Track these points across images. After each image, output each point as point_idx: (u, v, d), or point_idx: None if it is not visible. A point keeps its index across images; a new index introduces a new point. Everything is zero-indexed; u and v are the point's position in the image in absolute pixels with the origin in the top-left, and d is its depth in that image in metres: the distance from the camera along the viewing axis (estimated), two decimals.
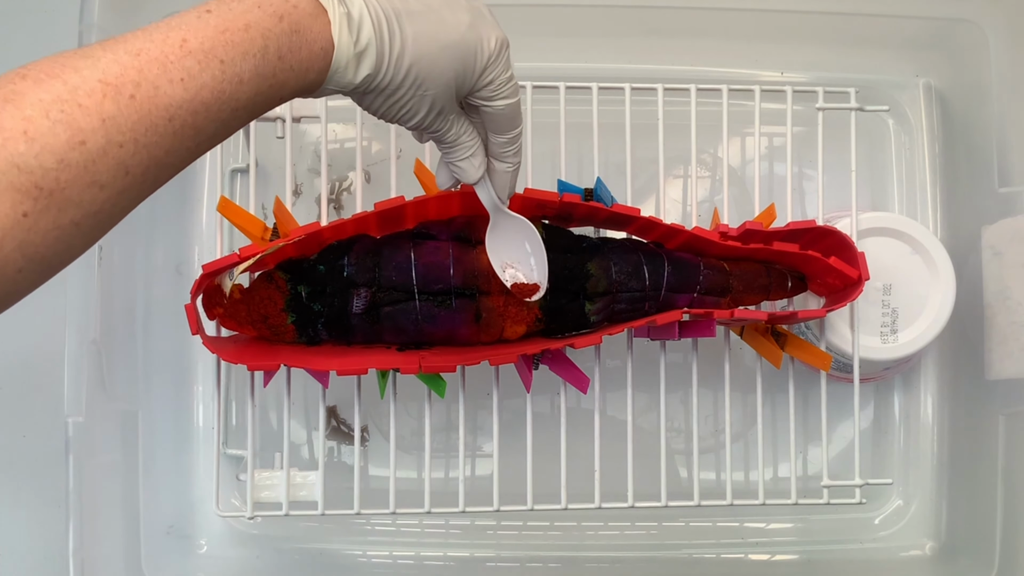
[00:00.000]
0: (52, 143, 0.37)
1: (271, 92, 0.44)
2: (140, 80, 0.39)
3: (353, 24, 0.46)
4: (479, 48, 0.49)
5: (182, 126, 0.41)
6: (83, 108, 0.38)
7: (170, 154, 0.41)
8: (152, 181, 0.41)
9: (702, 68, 0.81)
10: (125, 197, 0.40)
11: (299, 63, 0.44)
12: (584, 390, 0.64)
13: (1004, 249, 0.72)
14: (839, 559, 0.80)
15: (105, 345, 0.68)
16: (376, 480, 0.78)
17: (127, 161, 0.39)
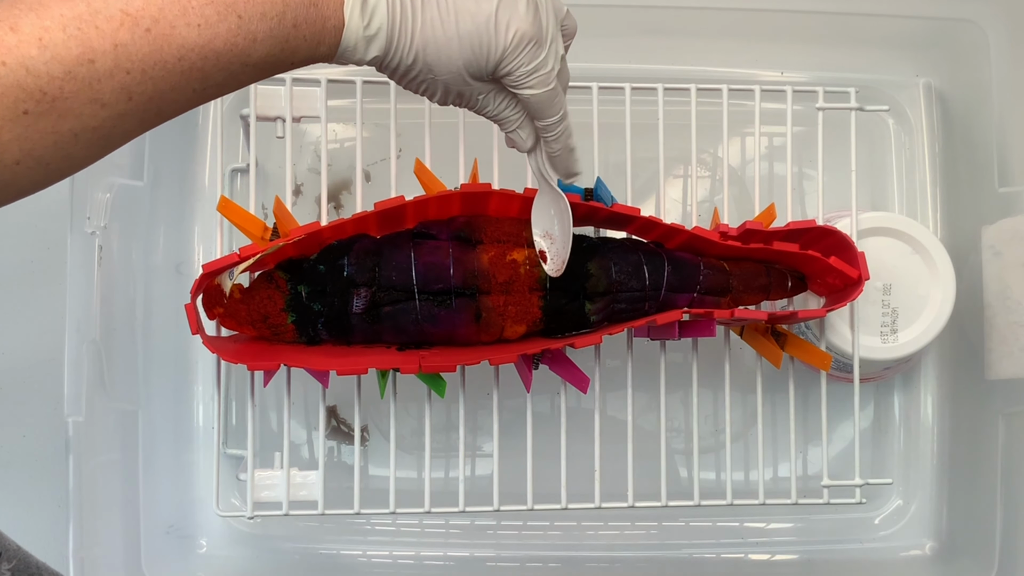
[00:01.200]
0: (63, 54, 0.39)
1: (282, 56, 0.46)
2: (159, 16, 0.41)
3: (367, 8, 0.47)
4: (492, 40, 0.49)
5: (190, 68, 0.43)
6: (99, 30, 0.40)
7: (175, 91, 0.43)
8: (155, 112, 0.43)
9: (702, 68, 0.81)
10: (126, 120, 0.42)
11: (312, 35, 0.46)
12: (584, 390, 0.64)
13: (1004, 249, 0.72)
14: (839, 559, 0.80)
15: (105, 345, 0.68)
16: (376, 480, 0.78)
17: (131, 87, 0.41)
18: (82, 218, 0.66)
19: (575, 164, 0.57)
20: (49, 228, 0.78)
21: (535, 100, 0.52)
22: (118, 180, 0.70)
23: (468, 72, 0.50)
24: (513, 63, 0.50)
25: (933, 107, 0.82)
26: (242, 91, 0.78)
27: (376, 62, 0.49)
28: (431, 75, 0.50)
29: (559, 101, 0.53)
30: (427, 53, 0.49)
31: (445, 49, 0.49)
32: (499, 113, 0.54)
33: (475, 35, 0.49)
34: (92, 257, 0.66)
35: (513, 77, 0.51)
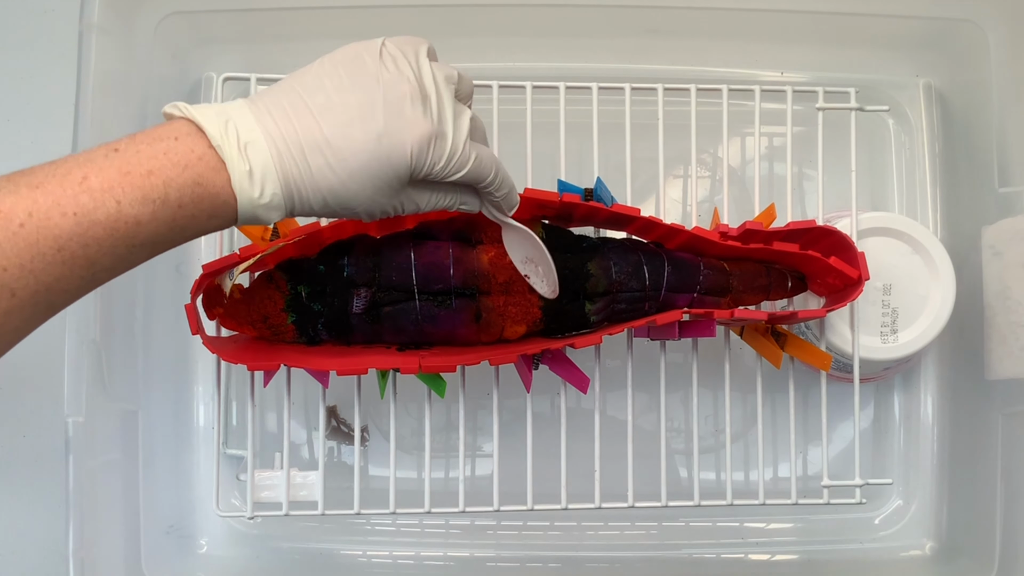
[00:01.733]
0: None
1: (171, 235, 0.45)
2: (32, 210, 0.42)
3: (256, 179, 0.46)
4: (391, 164, 0.48)
5: (72, 257, 0.43)
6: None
7: (60, 281, 0.43)
8: (44, 305, 0.43)
9: (702, 68, 0.81)
10: (14, 318, 0.43)
11: (200, 211, 0.46)
12: (584, 390, 0.64)
13: (1004, 249, 0.72)
14: (839, 559, 0.80)
15: (105, 345, 0.68)
16: (376, 480, 0.78)
17: (11, 284, 0.42)
18: None
19: (516, 196, 0.56)
20: None
21: (466, 179, 0.51)
22: None
23: (382, 195, 0.49)
24: (426, 166, 0.49)
25: (933, 107, 0.82)
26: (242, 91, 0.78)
27: (285, 218, 0.49)
28: (349, 211, 0.49)
29: (487, 163, 0.52)
30: (334, 196, 0.48)
31: (350, 187, 0.48)
32: (436, 206, 0.53)
33: (374, 163, 0.48)
34: None
35: (434, 175, 0.50)
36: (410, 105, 0.48)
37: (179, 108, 0.47)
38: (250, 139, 0.46)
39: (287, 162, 0.47)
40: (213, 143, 0.46)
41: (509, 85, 0.68)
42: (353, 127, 0.47)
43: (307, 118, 0.47)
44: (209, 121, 0.46)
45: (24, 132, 0.79)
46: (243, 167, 0.46)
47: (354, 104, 0.48)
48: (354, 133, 0.47)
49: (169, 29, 0.74)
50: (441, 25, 0.79)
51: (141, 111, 0.73)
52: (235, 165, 0.46)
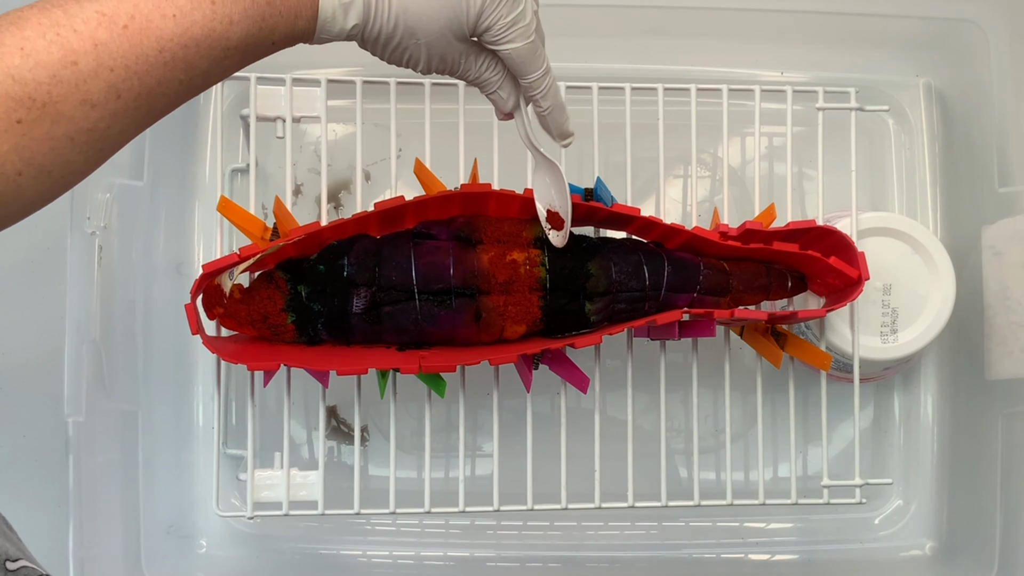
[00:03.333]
0: (46, 59, 0.40)
1: (261, 35, 0.46)
2: (135, 13, 0.42)
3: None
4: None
5: (172, 58, 0.44)
6: (77, 33, 0.41)
7: (162, 84, 0.44)
8: (146, 109, 0.44)
9: (702, 68, 0.81)
10: (119, 120, 0.43)
11: (288, 9, 0.47)
12: (584, 390, 0.64)
13: (1004, 249, 0.72)
14: (839, 559, 0.80)
15: (105, 345, 0.68)
16: (376, 480, 0.78)
17: (118, 85, 0.42)
18: (82, 218, 0.66)
19: (567, 122, 0.58)
20: (49, 228, 0.78)
21: (517, 55, 0.53)
22: (118, 180, 0.70)
23: (450, 30, 0.50)
24: (492, 16, 0.51)
25: (933, 107, 0.82)
26: (242, 91, 0.78)
27: (356, 32, 0.50)
28: (413, 40, 0.50)
29: (540, 54, 0.54)
30: (407, 16, 0.49)
31: (425, 10, 0.49)
32: (481, 75, 0.54)
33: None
34: (92, 257, 0.66)
35: (493, 32, 0.51)
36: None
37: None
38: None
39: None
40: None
41: None
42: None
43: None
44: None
45: None
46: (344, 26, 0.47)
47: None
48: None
49: None
50: None
51: None
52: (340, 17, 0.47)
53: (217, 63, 0.45)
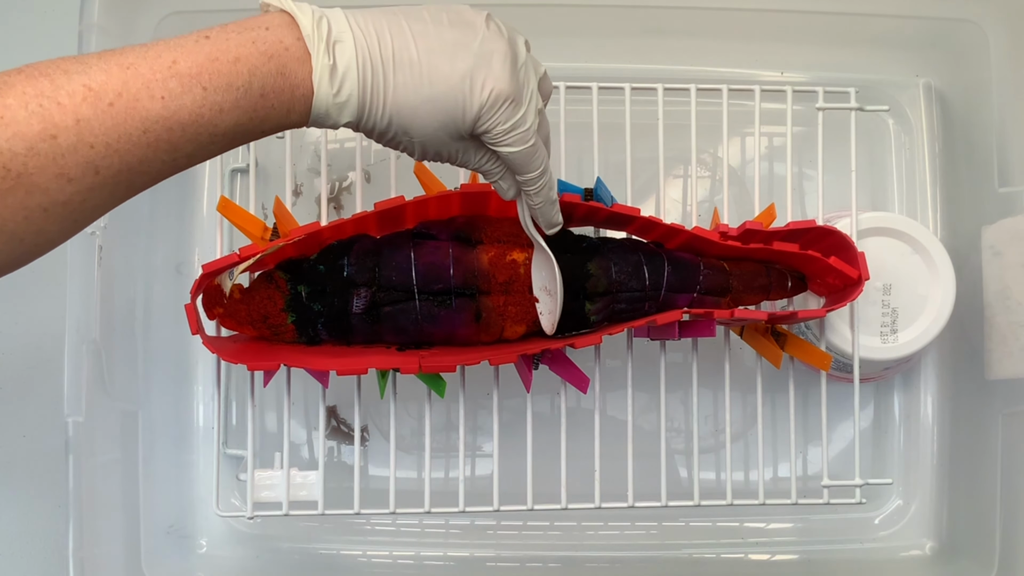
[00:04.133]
0: (25, 131, 0.40)
1: (251, 125, 0.46)
2: (122, 91, 0.42)
3: (336, 76, 0.47)
4: (467, 101, 0.49)
5: (156, 140, 0.43)
6: (61, 106, 0.41)
7: (143, 163, 0.43)
8: (125, 185, 0.44)
9: (702, 68, 0.81)
10: (96, 195, 0.43)
11: (281, 104, 0.46)
12: (584, 390, 0.64)
13: (1004, 249, 0.72)
14: (839, 559, 0.80)
15: (105, 345, 0.68)
16: (376, 480, 0.78)
17: (97, 161, 0.42)
18: None
19: (557, 215, 0.57)
20: None
21: (514, 157, 0.52)
22: None
23: (445, 132, 0.50)
24: (490, 122, 0.50)
25: (933, 107, 0.82)
26: None
27: (351, 126, 0.49)
28: (407, 137, 0.50)
29: (540, 156, 0.53)
30: (401, 116, 0.49)
31: (420, 112, 0.49)
32: (480, 167, 0.53)
33: (449, 97, 0.48)
34: (92, 257, 0.66)
35: (491, 135, 0.50)
36: (501, 61, 0.49)
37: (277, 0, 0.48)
38: (340, 38, 0.47)
39: (370, 68, 0.47)
40: (304, 34, 0.46)
41: None
42: (442, 58, 0.48)
43: (400, 36, 0.48)
44: (304, 14, 0.47)
45: None
46: (327, 61, 0.46)
47: (450, 40, 0.49)
48: (441, 63, 0.48)
49: (169, 29, 0.74)
50: None
51: None
52: (319, 59, 0.46)
53: (203, 147, 0.45)
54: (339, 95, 0.47)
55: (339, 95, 0.47)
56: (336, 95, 0.47)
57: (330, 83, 0.47)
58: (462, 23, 0.50)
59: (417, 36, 0.48)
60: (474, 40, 0.49)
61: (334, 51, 0.47)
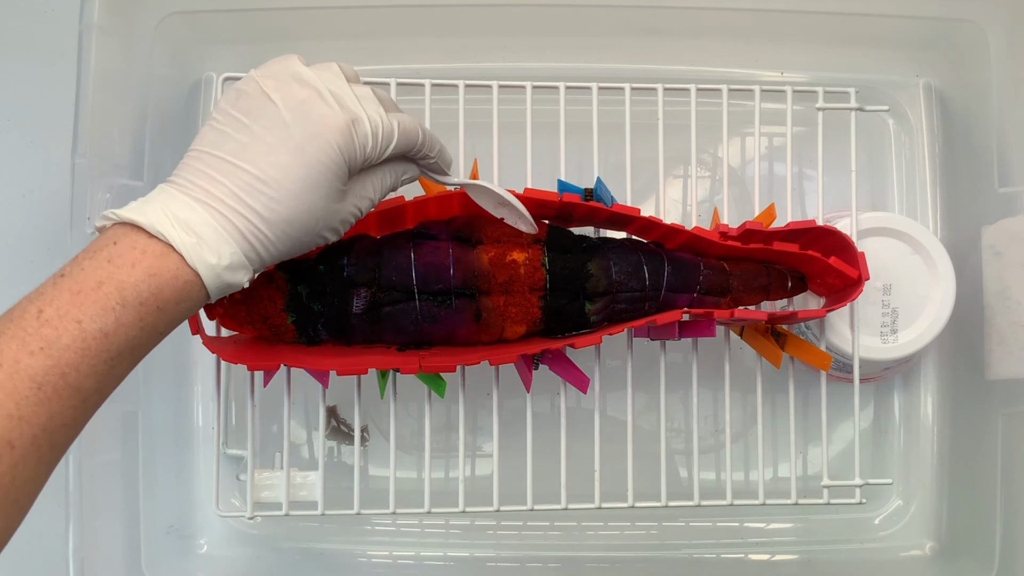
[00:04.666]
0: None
1: (144, 335, 0.45)
2: (0, 360, 0.41)
3: (210, 247, 0.46)
4: (325, 161, 0.48)
5: (54, 390, 0.42)
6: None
7: (54, 418, 0.42)
8: (48, 447, 0.42)
9: (702, 68, 0.81)
10: (23, 468, 0.41)
11: (166, 302, 0.45)
12: (584, 390, 0.64)
13: (1004, 249, 0.72)
14: (839, 559, 0.80)
15: None
16: (376, 480, 0.78)
17: (6, 436, 0.40)
18: (82, 218, 0.66)
19: (447, 154, 0.57)
20: (49, 228, 0.78)
21: (399, 150, 0.52)
22: (118, 180, 0.70)
23: (334, 202, 0.50)
24: (356, 154, 0.50)
25: (933, 107, 0.82)
26: None
27: (256, 274, 0.49)
28: (314, 234, 0.50)
29: (411, 125, 0.53)
30: (292, 227, 0.48)
31: (302, 211, 0.48)
32: (384, 188, 0.53)
33: (312, 177, 0.48)
34: None
35: (368, 160, 0.51)
36: (313, 105, 0.48)
37: (107, 216, 0.47)
38: (185, 213, 0.46)
39: (231, 216, 0.47)
40: (151, 231, 0.45)
41: (509, 85, 0.68)
42: (274, 152, 0.47)
43: (228, 168, 0.47)
44: (138, 213, 0.46)
45: (24, 132, 0.79)
46: (190, 239, 0.46)
47: (262, 131, 0.48)
48: (278, 158, 0.47)
49: (169, 29, 0.74)
50: (441, 25, 0.79)
51: (141, 111, 0.73)
52: (181, 241, 0.45)
53: (105, 376, 0.44)
54: (222, 259, 0.46)
55: (222, 259, 0.46)
56: (219, 261, 0.46)
57: (209, 254, 0.46)
58: (250, 104, 0.48)
59: (239, 156, 0.47)
60: (277, 112, 0.48)
61: (190, 226, 0.46)
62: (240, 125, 0.48)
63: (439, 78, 0.68)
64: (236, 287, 0.48)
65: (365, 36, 0.80)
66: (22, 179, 0.78)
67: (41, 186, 0.78)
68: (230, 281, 0.47)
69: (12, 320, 0.43)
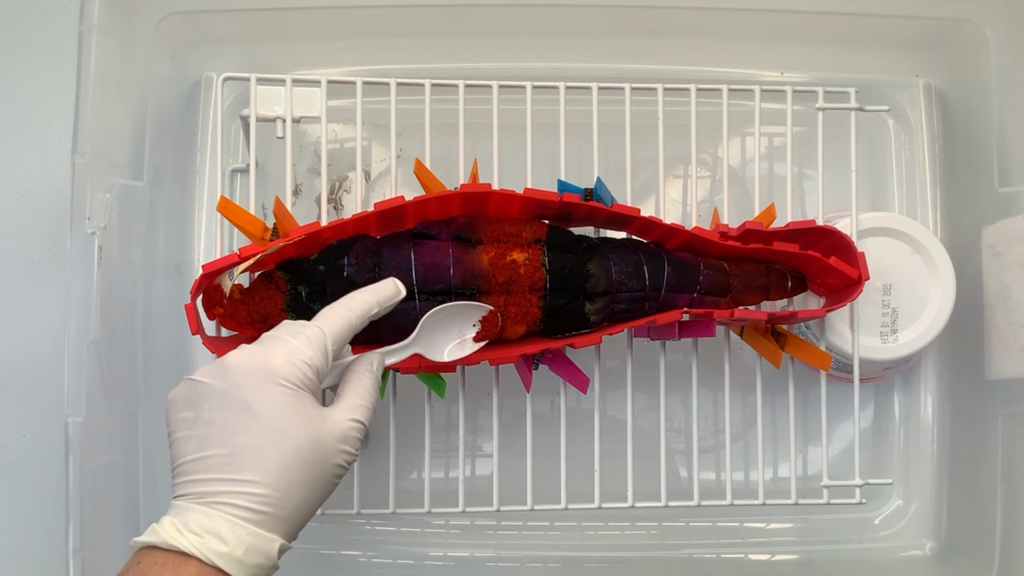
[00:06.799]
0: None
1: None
2: None
3: (221, 538, 0.47)
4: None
5: None
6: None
7: None
8: None
9: (702, 68, 0.81)
10: None
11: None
12: (584, 390, 0.64)
13: (1004, 249, 0.72)
14: (839, 559, 0.80)
15: (105, 345, 0.68)
16: (376, 480, 0.78)
17: None
18: (82, 218, 0.66)
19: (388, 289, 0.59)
20: (49, 228, 0.78)
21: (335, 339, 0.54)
22: (118, 180, 0.70)
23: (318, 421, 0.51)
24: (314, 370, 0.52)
25: (933, 107, 0.82)
26: (242, 91, 0.78)
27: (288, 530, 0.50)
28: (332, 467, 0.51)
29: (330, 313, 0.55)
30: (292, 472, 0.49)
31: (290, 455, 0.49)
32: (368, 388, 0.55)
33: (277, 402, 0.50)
34: (92, 257, 0.66)
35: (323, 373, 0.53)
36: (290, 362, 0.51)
37: (131, 546, 0.49)
38: (195, 518, 0.48)
39: (232, 500, 0.48)
40: (165, 546, 0.47)
41: (509, 85, 0.68)
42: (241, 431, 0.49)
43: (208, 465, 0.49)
44: (151, 534, 0.48)
45: (24, 132, 0.79)
46: (198, 539, 0.47)
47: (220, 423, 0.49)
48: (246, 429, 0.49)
49: (169, 29, 0.74)
50: (441, 25, 0.79)
51: (141, 111, 0.73)
52: (190, 543, 0.47)
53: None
54: (237, 543, 0.47)
55: (237, 543, 0.47)
56: (233, 547, 0.47)
57: (218, 544, 0.47)
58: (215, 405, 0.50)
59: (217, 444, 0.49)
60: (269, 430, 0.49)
61: (201, 527, 0.47)
62: (202, 424, 0.50)
63: (439, 78, 0.68)
64: (271, 564, 0.49)
65: (365, 36, 0.80)
66: (22, 179, 0.78)
67: (41, 186, 0.78)
68: (259, 562, 0.48)
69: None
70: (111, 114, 0.69)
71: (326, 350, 0.53)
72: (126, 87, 0.71)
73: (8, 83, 0.79)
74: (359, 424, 0.52)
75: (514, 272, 0.61)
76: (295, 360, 0.51)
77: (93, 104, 0.66)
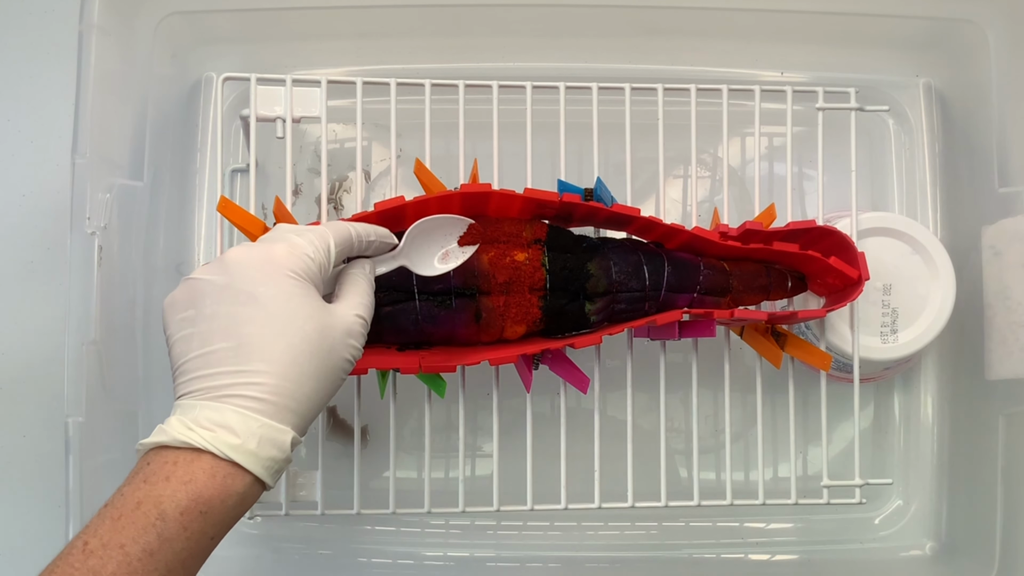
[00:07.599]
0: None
1: (192, 544, 0.45)
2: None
3: (232, 431, 0.46)
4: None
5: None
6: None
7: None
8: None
9: (702, 68, 0.81)
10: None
11: (207, 504, 0.45)
12: (584, 390, 0.64)
13: (1004, 249, 0.72)
14: (839, 559, 0.80)
15: (105, 345, 0.68)
16: (376, 480, 0.78)
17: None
18: (82, 218, 0.66)
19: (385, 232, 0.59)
20: (49, 228, 0.78)
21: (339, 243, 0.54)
22: (118, 180, 0.70)
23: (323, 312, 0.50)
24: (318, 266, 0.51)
25: (933, 107, 0.82)
26: (242, 91, 0.78)
27: (299, 422, 0.48)
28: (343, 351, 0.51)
29: (334, 225, 0.55)
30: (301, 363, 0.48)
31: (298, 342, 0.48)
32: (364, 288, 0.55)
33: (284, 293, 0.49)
34: (92, 257, 0.66)
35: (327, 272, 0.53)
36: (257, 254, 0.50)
37: (138, 449, 0.47)
38: (205, 414, 0.46)
39: (242, 392, 0.47)
40: (176, 444, 0.46)
41: (509, 85, 0.68)
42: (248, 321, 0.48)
43: (215, 358, 0.48)
44: (161, 434, 0.47)
45: (24, 132, 0.79)
46: (209, 433, 0.46)
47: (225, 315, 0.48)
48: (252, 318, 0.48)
49: (169, 29, 0.74)
50: (441, 25, 0.79)
51: (141, 111, 0.73)
52: (202, 438, 0.45)
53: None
54: (249, 435, 0.46)
55: (249, 435, 0.46)
56: (246, 439, 0.46)
57: (231, 437, 0.46)
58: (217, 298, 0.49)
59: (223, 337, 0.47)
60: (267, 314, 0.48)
61: (212, 422, 0.46)
62: (204, 320, 0.48)
63: (439, 78, 0.68)
64: (284, 456, 0.48)
65: (365, 36, 0.80)
66: (22, 179, 0.78)
67: (41, 186, 0.78)
68: (272, 454, 0.47)
69: (61, 557, 0.43)
70: (111, 114, 0.69)
71: (329, 249, 0.52)
72: (126, 87, 0.71)
73: (8, 83, 0.79)
74: (362, 319, 0.52)
75: (514, 272, 0.61)
76: (298, 253, 0.50)
77: (93, 104, 0.66)
